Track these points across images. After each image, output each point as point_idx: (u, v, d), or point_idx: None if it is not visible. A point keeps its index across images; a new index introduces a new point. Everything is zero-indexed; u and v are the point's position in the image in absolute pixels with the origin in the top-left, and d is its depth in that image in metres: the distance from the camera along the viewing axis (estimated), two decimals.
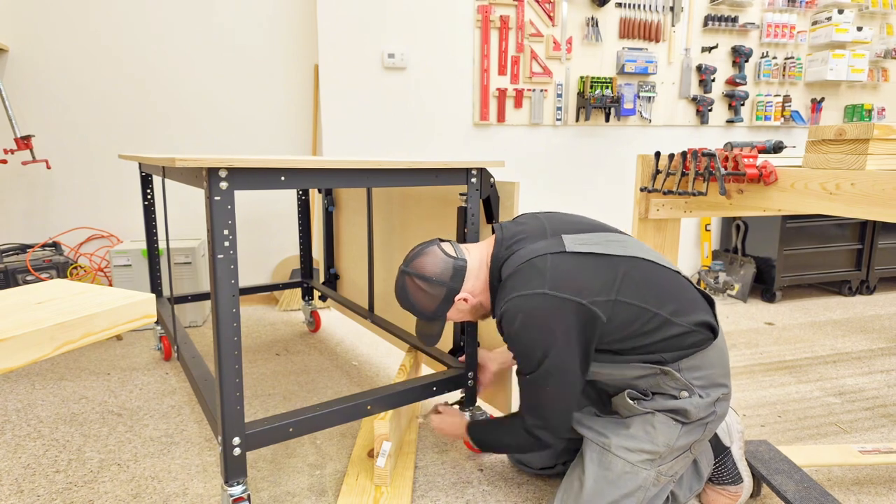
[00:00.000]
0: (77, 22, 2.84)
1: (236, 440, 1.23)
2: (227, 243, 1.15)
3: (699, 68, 3.46)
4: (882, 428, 1.81)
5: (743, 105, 3.56)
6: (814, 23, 3.59)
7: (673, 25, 3.36)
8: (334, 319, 3.00)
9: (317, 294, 2.90)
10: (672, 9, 3.34)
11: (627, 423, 1.26)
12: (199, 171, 1.18)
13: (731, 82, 3.53)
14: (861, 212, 1.11)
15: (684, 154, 1.54)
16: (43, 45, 2.83)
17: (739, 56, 3.48)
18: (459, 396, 1.73)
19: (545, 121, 3.28)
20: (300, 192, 2.66)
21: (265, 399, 2.02)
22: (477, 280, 1.31)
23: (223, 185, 1.13)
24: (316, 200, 3.14)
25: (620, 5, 3.26)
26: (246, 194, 3.16)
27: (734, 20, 3.43)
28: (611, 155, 3.45)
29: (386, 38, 3.01)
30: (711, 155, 1.44)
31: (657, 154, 1.64)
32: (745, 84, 3.54)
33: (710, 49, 3.45)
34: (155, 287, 2.37)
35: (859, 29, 3.47)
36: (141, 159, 1.64)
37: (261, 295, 3.31)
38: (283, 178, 1.20)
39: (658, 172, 1.65)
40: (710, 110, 3.51)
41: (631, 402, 1.25)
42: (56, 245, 2.85)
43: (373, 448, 1.62)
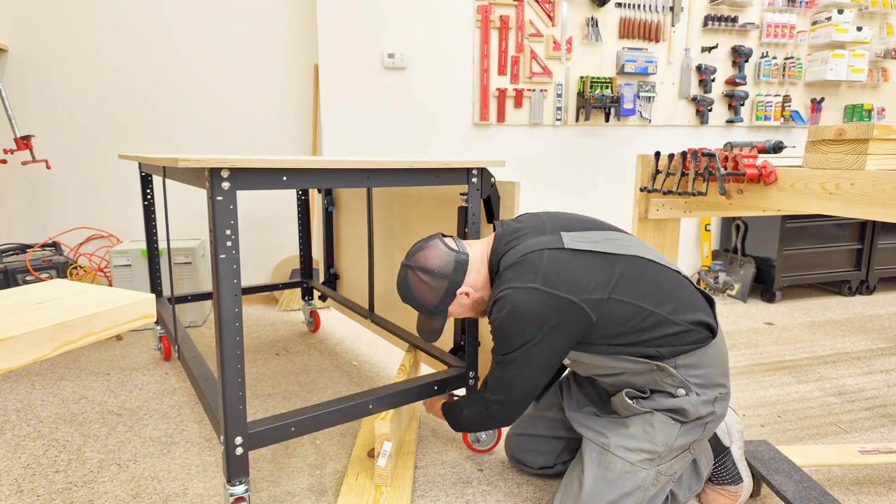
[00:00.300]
0: (77, 22, 2.84)
1: (238, 439, 1.23)
2: (230, 243, 1.15)
3: (699, 68, 3.46)
4: (882, 428, 1.81)
5: (743, 105, 3.56)
6: (814, 23, 3.59)
7: (673, 25, 3.37)
8: (334, 319, 3.00)
9: (316, 294, 2.90)
10: (672, 9, 3.34)
11: (626, 423, 1.27)
12: (202, 172, 1.18)
13: (731, 82, 3.53)
14: (861, 212, 1.11)
15: (684, 154, 1.54)
16: (43, 45, 2.83)
17: (739, 56, 3.48)
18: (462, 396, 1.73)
19: (545, 121, 3.28)
20: (300, 192, 2.66)
21: (265, 399, 2.02)
22: (479, 275, 1.32)
23: (225, 186, 1.13)
24: (316, 200, 3.14)
25: (620, 5, 3.26)
26: (246, 194, 3.16)
27: (734, 20, 3.43)
28: (611, 155, 3.45)
29: (386, 38, 3.01)
30: (711, 155, 1.44)
31: (657, 154, 1.64)
32: (745, 84, 3.54)
33: (710, 49, 3.45)
34: (155, 287, 2.37)
35: (859, 29, 3.47)
36: (141, 159, 1.64)
37: (260, 295, 3.31)
38: (285, 178, 1.21)
39: (658, 172, 1.65)
40: (710, 110, 3.52)
41: (630, 402, 1.25)
42: (56, 245, 2.85)
43: (373, 448, 1.62)
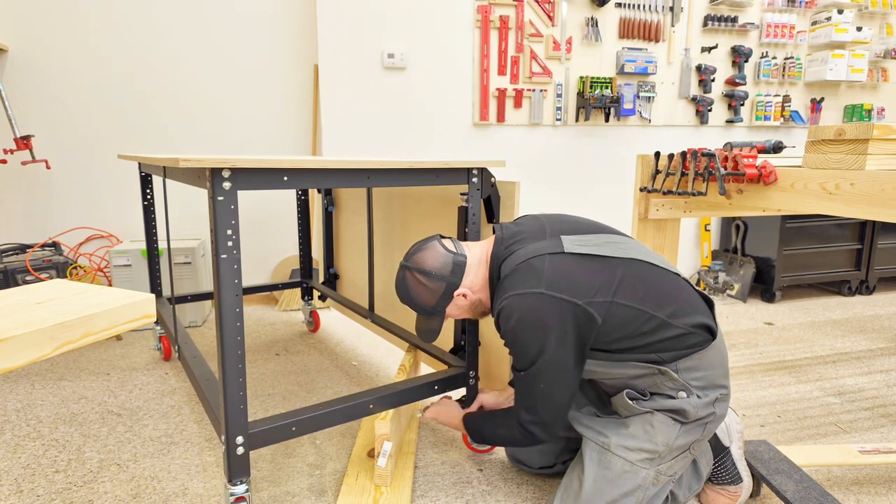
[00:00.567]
0: (77, 22, 2.84)
1: (240, 439, 1.23)
2: (231, 243, 1.15)
3: (699, 68, 3.46)
4: (882, 428, 1.81)
5: (742, 105, 3.56)
6: (813, 23, 3.59)
7: (673, 25, 3.37)
8: (334, 319, 3.00)
9: (316, 294, 2.90)
10: (672, 9, 3.34)
11: (627, 423, 1.27)
12: (202, 172, 1.18)
13: (731, 82, 3.53)
14: (860, 212, 1.11)
15: (684, 154, 1.54)
16: (43, 45, 2.83)
17: (739, 56, 3.48)
18: (461, 396, 1.73)
19: (545, 121, 3.28)
20: (300, 192, 2.66)
21: (265, 399, 2.02)
22: (476, 276, 1.32)
23: (226, 186, 1.13)
24: (315, 200, 3.14)
25: (620, 5, 3.26)
26: (245, 194, 3.16)
27: (734, 20, 3.43)
28: (610, 155, 3.45)
29: (386, 38, 3.01)
30: (711, 155, 1.44)
31: (657, 154, 1.64)
32: (745, 84, 3.54)
33: (710, 49, 3.45)
34: (154, 287, 2.37)
35: (859, 29, 3.47)
36: (141, 159, 1.64)
37: (260, 295, 3.31)
38: (286, 178, 1.21)
39: (658, 172, 1.65)
40: (710, 110, 3.52)
41: (630, 402, 1.25)
42: (56, 245, 2.85)
43: (373, 448, 1.62)
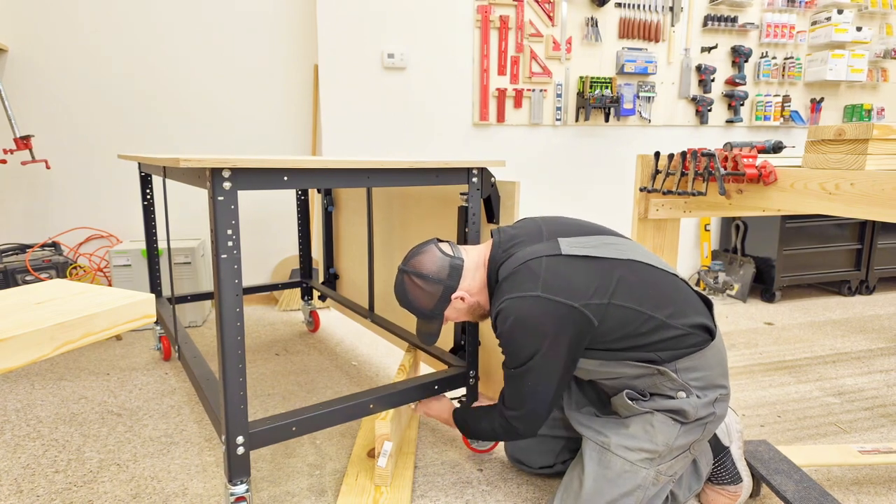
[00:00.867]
0: (77, 22, 2.84)
1: (240, 439, 1.23)
2: (231, 243, 1.15)
3: (699, 68, 3.46)
4: (881, 428, 1.81)
5: (742, 105, 3.56)
6: (813, 23, 3.59)
7: (672, 25, 3.37)
8: (333, 319, 3.00)
9: (316, 294, 2.90)
10: (672, 9, 3.34)
11: (627, 423, 1.27)
12: (203, 172, 1.18)
13: (731, 82, 3.53)
14: (860, 212, 1.11)
15: (684, 154, 1.54)
16: (43, 45, 2.83)
17: (739, 56, 3.48)
18: (461, 395, 1.73)
19: (545, 121, 3.28)
20: (299, 193, 2.66)
21: (265, 399, 2.02)
22: (474, 280, 1.33)
23: (226, 186, 1.13)
24: (315, 201, 3.14)
25: (620, 5, 3.27)
26: (245, 195, 3.16)
27: (734, 20, 3.43)
28: (610, 155, 3.45)
29: (386, 38, 3.01)
30: (711, 155, 1.44)
31: (657, 154, 1.64)
32: (745, 84, 3.54)
33: (710, 49, 3.45)
34: (154, 287, 2.37)
35: (859, 29, 3.47)
36: (141, 159, 1.64)
37: (260, 295, 3.31)
38: (286, 178, 1.21)
39: (657, 172, 1.65)
40: (710, 110, 3.52)
41: (630, 403, 1.26)
42: (55, 245, 2.84)
43: (373, 448, 1.62)
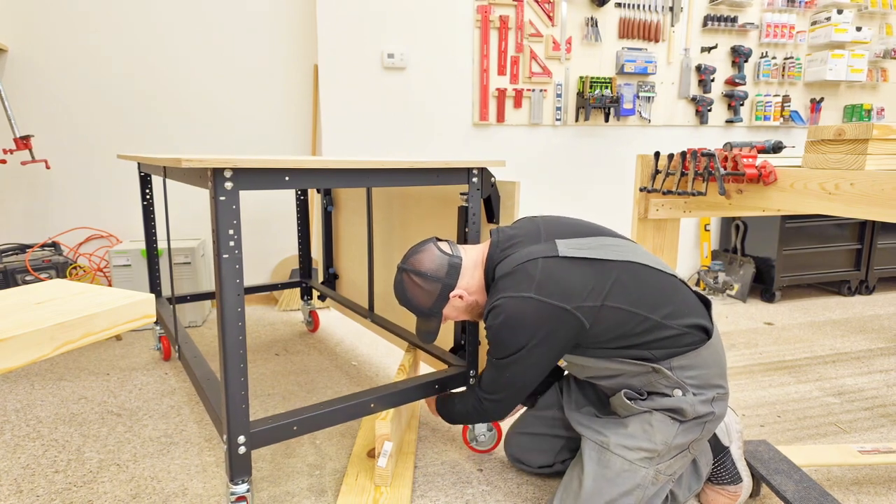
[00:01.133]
0: (77, 22, 2.84)
1: (241, 438, 1.23)
2: (233, 243, 1.15)
3: (698, 68, 3.46)
4: (881, 428, 1.81)
5: (742, 105, 3.56)
6: (813, 23, 3.59)
7: (672, 25, 3.37)
8: (333, 319, 3.00)
9: (316, 294, 2.90)
10: (671, 9, 3.34)
11: (626, 423, 1.27)
12: (204, 172, 1.18)
13: (731, 82, 3.53)
14: (860, 212, 1.11)
15: (684, 154, 1.54)
16: (43, 45, 2.82)
17: (739, 56, 3.48)
18: None
19: (545, 121, 3.28)
20: (299, 193, 2.66)
21: (265, 399, 2.02)
22: (472, 278, 1.34)
23: (228, 186, 1.13)
24: (315, 201, 3.14)
25: (620, 5, 3.27)
26: (245, 195, 3.16)
27: (734, 20, 3.43)
28: (610, 155, 3.45)
29: (386, 38, 3.01)
30: (711, 155, 1.44)
31: (657, 154, 1.64)
32: (745, 84, 3.54)
33: (710, 49, 3.45)
34: (154, 287, 2.37)
35: (858, 29, 3.47)
36: (141, 159, 1.64)
37: (260, 295, 3.31)
38: (287, 178, 1.21)
39: (657, 172, 1.65)
40: (710, 110, 3.52)
41: (628, 402, 1.26)
42: (55, 245, 2.84)
43: (373, 448, 1.62)
